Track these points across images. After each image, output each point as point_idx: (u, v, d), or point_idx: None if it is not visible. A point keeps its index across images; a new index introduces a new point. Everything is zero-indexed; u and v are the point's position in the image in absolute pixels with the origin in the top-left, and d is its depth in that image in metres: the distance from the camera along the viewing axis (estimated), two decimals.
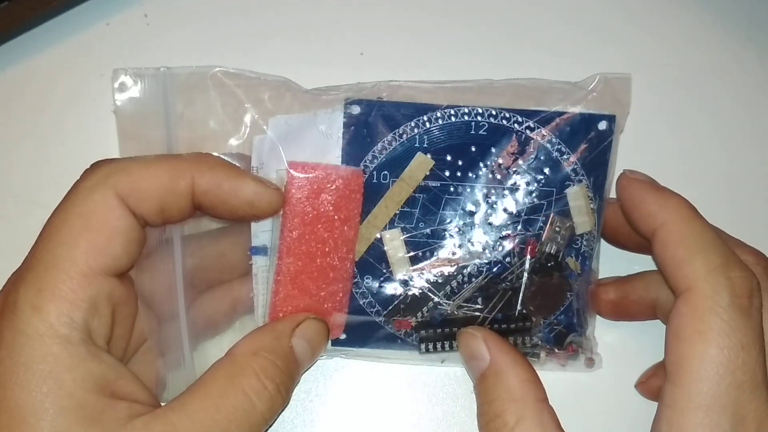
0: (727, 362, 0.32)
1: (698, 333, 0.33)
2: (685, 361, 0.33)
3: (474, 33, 0.47)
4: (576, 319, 0.42)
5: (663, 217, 0.36)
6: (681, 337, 0.33)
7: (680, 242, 0.35)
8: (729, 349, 0.32)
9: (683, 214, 0.36)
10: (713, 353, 0.32)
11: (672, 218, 0.36)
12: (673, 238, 0.35)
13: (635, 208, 0.38)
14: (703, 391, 0.32)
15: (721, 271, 0.33)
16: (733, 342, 0.32)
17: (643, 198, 0.38)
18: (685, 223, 0.35)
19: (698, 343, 0.32)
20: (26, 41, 0.46)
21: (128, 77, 0.38)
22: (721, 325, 0.32)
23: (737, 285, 0.33)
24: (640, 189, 0.38)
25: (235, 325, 0.41)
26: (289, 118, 0.39)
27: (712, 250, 0.34)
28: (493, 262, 0.41)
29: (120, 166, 0.34)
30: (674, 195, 0.37)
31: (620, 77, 0.41)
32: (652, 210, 0.37)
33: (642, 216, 0.38)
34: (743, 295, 0.33)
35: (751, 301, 0.33)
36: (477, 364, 0.38)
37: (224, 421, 0.33)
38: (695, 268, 0.34)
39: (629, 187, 0.39)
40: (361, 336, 0.41)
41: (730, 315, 0.32)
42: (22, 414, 0.31)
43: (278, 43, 0.46)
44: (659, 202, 0.37)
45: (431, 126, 0.40)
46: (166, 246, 0.38)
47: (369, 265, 0.41)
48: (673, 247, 0.35)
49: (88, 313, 0.32)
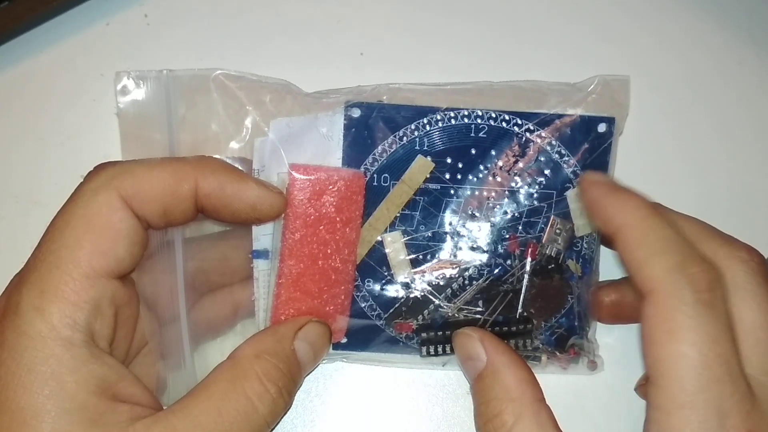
0: (701, 357, 0.32)
1: (667, 333, 0.33)
2: (661, 363, 0.33)
3: (474, 33, 0.47)
4: (577, 321, 0.42)
5: (621, 219, 0.36)
6: (652, 340, 0.33)
7: (639, 244, 0.35)
8: (700, 344, 0.32)
9: (641, 214, 0.35)
10: (685, 351, 0.32)
11: (630, 220, 0.35)
12: (632, 241, 0.35)
13: (595, 213, 0.38)
14: (684, 389, 0.32)
15: (680, 268, 0.33)
16: (703, 336, 0.32)
17: (601, 201, 0.37)
18: (642, 224, 0.35)
19: (669, 343, 0.32)
20: (26, 41, 0.46)
21: (131, 80, 0.38)
22: (688, 322, 0.32)
23: (697, 280, 0.33)
24: (599, 192, 0.38)
25: (236, 329, 0.41)
26: (291, 121, 0.39)
27: (669, 248, 0.34)
28: (494, 265, 0.41)
29: (123, 169, 0.35)
30: (633, 196, 0.37)
31: (619, 79, 0.41)
32: (611, 213, 0.36)
33: (602, 220, 0.37)
34: (704, 290, 0.33)
35: (714, 294, 0.33)
36: (473, 365, 0.38)
37: (226, 424, 0.33)
38: (655, 270, 0.34)
39: (588, 192, 0.38)
40: (363, 339, 0.42)
41: (694, 310, 0.32)
42: (24, 416, 0.31)
43: (278, 43, 0.46)
44: (617, 205, 0.36)
45: (431, 128, 0.41)
46: (168, 248, 0.38)
47: (370, 268, 0.41)
48: (632, 249, 0.35)
49: (91, 314, 0.33)
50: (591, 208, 0.38)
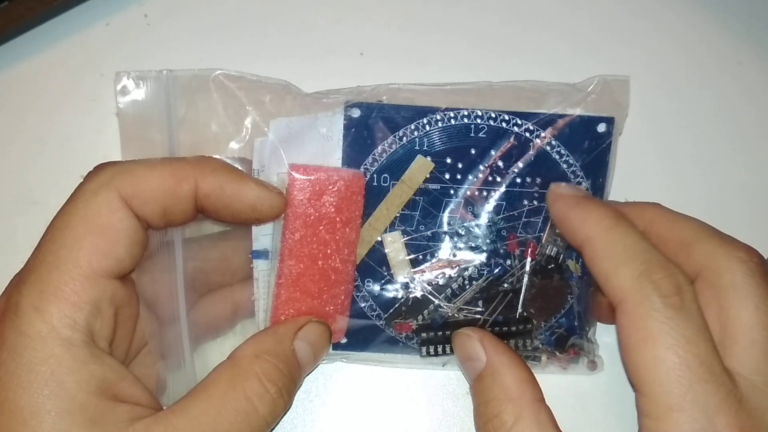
0: (678, 359, 0.32)
1: (642, 341, 0.33)
2: (641, 370, 0.33)
3: (474, 34, 0.47)
4: (577, 321, 0.42)
5: (586, 232, 0.36)
6: (629, 349, 0.34)
7: (604, 256, 0.35)
8: (676, 346, 0.32)
9: (603, 225, 0.36)
10: (662, 355, 0.32)
11: (593, 233, 0.36)
12: (597, 253, 0.36)
13: (561, 227, 0.39)
14: (668, 392, 0.32)
15: (645, 276, 0.34)
16: (677, 339, 0.32)
17: (566, 215, 0.38)
18: (605, 236, 0.36)
19: (646, 350, 0.33)
20: (26, 41, 0.46)
21: (130, 80, 0.38)
22: (660, 327, 0.33)
23: (663, 285, 0.33)
24: (564, 206, 0.38)
25: (236, 329, 0.41)
26: (290, 121, 0.39)
27: (633, 257, 0.35)
28: (494, 265, 0.41)
29: (123, 169, 0.35)
30: (596, 207, 0.37)
31: (619, 79, 0.41)
32: (576, 227, 0.37)
33: (568, 234, 0.38)
34: (672, 294, 0.33)
35: (682, 297, 0.33)
36: (473, 365, 0.38)
37: (226, 424, 0.33)
38: (621, 280, 0.34)
39: (554, 206, 0.39)
40: (363, 340, 0.42)
41: (665, 315, 0.33)
42: (24, 416, 0.31)
43: (278, 43, 0.46)
44: (581, 217, 0.37)
45: (431, 129, 0.41)
46: (168, 248, 0.38)
47: (370, 268, 0.41)
48: (598, 261, 0.36)
49: (91, 315, 0.33)
50: (557, 222, 0.39)
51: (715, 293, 0.35)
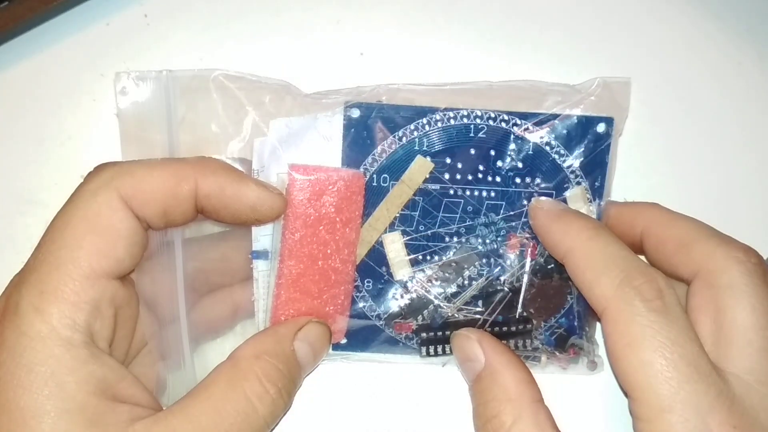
0: (665, 361, 0.32)
1: (628, 346, 0.33)
2: (629, 375, 0.33)
3: (473, 34, 0.47)
4: (577, 321, 0.42)
5: (567, 244, 0.37)
6: (616, 356, 0.34)
7: (585, 266, 0.36)
8: (662, 349, 0.32)
9: (584, 236, 0.37)
10: (648, 358, 0.33)
11: (574, 244, 0.37)
12: (579, 264, 0.36)
13: (544, 239, 0.39)
14: (658, 395, 0.32)
15: (626, 283, 0.34)
16: (662, 341, 0.33)
17: (548, 228, 0.39)
18: (585, 247, 0.36)
19: (632, 355, 0.33)
20: (26, 41, 0.46)
21: (130, 80, 0.38)
22: (644, 331, 0.33)
23: (644, 290, 0.34)
24: (546, 219, 0.39)
25: (236, 329, 0.41)
26: (290, 121, 0.39)
27: (613, 266, 0.35)
28: (494, 265, 0.41)
29: (124, 169, 0.35)
30: (577, 219, 0.38)
31: (620, 81, 0.41)
32: (558, 239, 0.38)
33: (551, 246, 0.39)
34: (654, 298, 0.34)
35: (664, 300, 0.34)
36: (472, 366, 0.38)
37: (226, 424, 0.33)
38: (603, 289, 0.35)
39: (535, 219, 0.40)
40: (363, 340, 0.42)
41: (648, 319, 0.33)
42: (23, 416, 0.31)
43: (278, 44, 0.46)
44: (563, 230, 0.38)
45: (430, 129, 0.41)
46: (167, 249, 0.38)
47: (369, 268, 0.41)
48: (581, 272, 0.36)
49: (91, 315, 0.33)
50: (540, 235, 0.39)
51: (712, 293, 0.35)
